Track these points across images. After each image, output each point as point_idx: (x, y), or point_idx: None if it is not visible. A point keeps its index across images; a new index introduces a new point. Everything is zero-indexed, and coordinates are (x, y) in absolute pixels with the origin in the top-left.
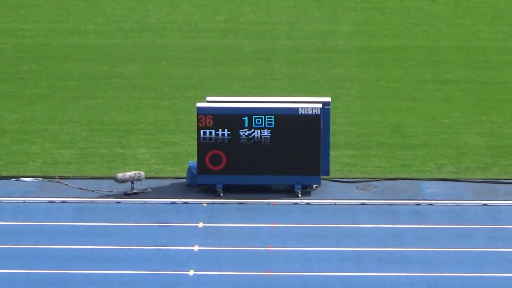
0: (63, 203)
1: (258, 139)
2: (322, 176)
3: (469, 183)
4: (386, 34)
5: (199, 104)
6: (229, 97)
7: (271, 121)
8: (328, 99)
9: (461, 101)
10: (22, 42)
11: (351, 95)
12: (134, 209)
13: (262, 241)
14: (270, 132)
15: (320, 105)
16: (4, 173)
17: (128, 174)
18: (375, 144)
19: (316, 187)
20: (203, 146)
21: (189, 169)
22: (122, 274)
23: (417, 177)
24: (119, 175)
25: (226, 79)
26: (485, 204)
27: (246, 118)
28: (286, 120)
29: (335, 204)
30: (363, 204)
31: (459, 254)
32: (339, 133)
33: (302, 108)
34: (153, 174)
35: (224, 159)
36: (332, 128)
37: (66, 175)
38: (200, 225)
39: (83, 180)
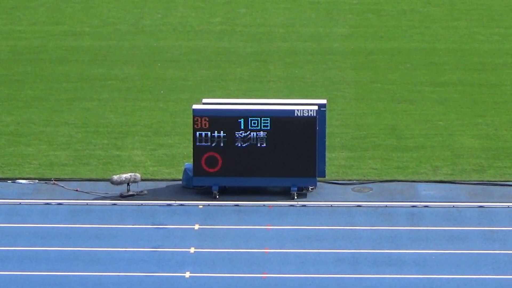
0: (59, 205)
1: (254, 141)
2: (318, 178)
3: (465, 185)
4: (382, 36)
5: (194, 106)
6: (225, 99)
7: (267, 123)
8: (323, 101)
9: (456, 103)
10: (18, 44)
11: (346, 97)
12: (130, 211)
13: (258, 243)
14: (266, 134)
15: (316, 107)
16: (0, 175)
17: (124, 176)
18: (371, 146)
19: (312, 189)
20: (199, 148)
21: (185, 171)
22: (118, 276)
23: (413, 179)
24: (115, 177)
25: (221, 81)
26: (480, 206)
27: (242, 120)
28: (282, 122)
29: (331, 206)
30: (359, 206)
31: (455, 256)
32: (335, 135)
33: (298, 110)
34: (149, 176)
35: (220, 161)
36: (328, 130)
37: (62, 177)
38: (196, 227)
39: (79, 182)
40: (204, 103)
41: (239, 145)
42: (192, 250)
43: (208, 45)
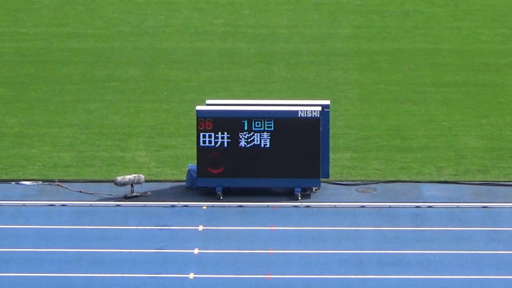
0: (63, 207)
1: (257, 142)
2: (321, 179)
3: (469, 185)
4: (385, 37)
5: (198, 107)
6: (228, 100)
7: (271, 124)
8: (327, 102)
9: (460, 104)
10: (21, 46)
11: (350, 98)
12: (134, 212)
13: (262, 244)
14: (270, 135)
15: (320, 108)
16: (4, 177)
17: (128, 177)
18: (375, 146)
19: (315, 190)
20: (203, 149)
21: (189, 172)
22: (122, 277)
23: (417, 179)
24: (119, 178)
25: (225, 83)
26: (484, 207)
27: (245, 121)
28: (285, 123)
29: (335, 206)
30: (363, 206)
31: (459, 256)
32: (338, 136)
33: (301, 111)
34: (153, 177)
35: (224, 162)
36: (332, 131)
37: (66, 178)
38: (200, 228)
39: (83, 183)
40: (207, 104)
41: (243, 146)
42: (196, 251)
43: (211, 46)
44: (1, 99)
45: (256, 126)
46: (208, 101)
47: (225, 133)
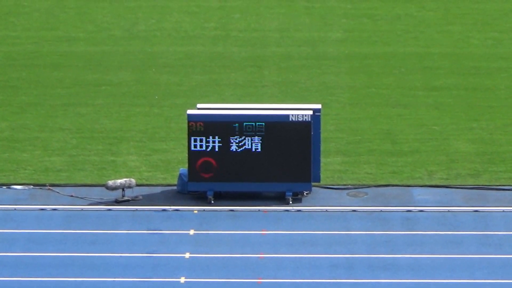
0: (54, 211)
1: (248, 146)
2: (313, 183)
3: (460, 189)
4: (376, 41)
5: (189, 111)
6: (219, 104)
7: (262, 128)
8: (318, 106)
9: (451, 107)
10: (12, 50)
11: (341, 102)
12: (125, 216)
13: (253, 248)
14: (261, 139)
15: (311, 112)
16: None
17: (119, 181)
18: (366, 151)
19: (307, 194)
20: (194, 154)
21: (180, 176)
22: (113, 281)
23: (408, 183)
24: (110, 182)
25: (216, 86)
26: (476, 211)
27: (236, 125)
28: (276, 127)
29: (326, 211)
30: (354, 211)
31: (450, 260)
32: (329, 140)
33: (292, 115)
34: (144, 182)
35: (215, 166)
36: (323, 135)
37: (57, 182)
38: (191, 232)
39: (74, 187)
40: (198, 108)
41: (234, 150)
42: (187, 255)
43: (202, 50)
44: None
45: (247, 130)
46: (199, 105)
47: (216, 137)
